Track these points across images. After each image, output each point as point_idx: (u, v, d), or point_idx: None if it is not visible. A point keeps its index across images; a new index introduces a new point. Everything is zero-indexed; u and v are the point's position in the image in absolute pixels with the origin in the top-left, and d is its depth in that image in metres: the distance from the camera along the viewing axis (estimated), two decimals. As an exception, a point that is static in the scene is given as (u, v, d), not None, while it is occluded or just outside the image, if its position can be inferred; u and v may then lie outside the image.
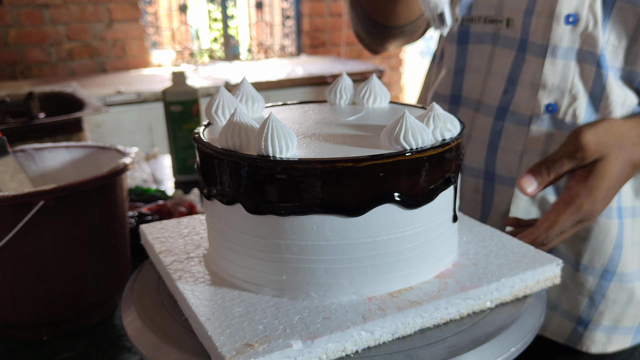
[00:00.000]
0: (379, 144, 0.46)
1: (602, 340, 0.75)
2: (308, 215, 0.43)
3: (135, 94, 2.18)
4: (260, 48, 3.20)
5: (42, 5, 2.51)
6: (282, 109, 0.62)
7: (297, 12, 3.22)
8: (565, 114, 0.68)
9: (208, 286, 0.48)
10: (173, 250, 0.55)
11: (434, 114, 0.47)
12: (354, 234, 0.44)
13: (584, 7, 0.64)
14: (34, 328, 0.68)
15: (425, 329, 0.45)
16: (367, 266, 0.45)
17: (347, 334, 0.41)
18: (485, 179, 0.76)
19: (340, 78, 0.62)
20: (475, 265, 0.51)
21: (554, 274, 0.51)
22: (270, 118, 0.43)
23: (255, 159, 0.43)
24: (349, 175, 0.42)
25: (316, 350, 0.40)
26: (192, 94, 1.19)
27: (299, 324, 0.42)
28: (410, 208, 0.45)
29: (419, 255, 0.47)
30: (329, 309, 0.44)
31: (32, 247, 0.63)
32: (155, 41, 2.90)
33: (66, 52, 2.60)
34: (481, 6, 0.73)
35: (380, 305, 0.44)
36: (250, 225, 0.46)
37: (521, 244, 0.54)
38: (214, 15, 3.06)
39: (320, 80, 2.56)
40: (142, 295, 0.52)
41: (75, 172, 0.80)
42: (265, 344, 0.39)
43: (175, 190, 1.13)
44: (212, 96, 0.54)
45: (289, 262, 0.45)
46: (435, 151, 0.45)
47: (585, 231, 0.71)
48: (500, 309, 0.48)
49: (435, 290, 0.47)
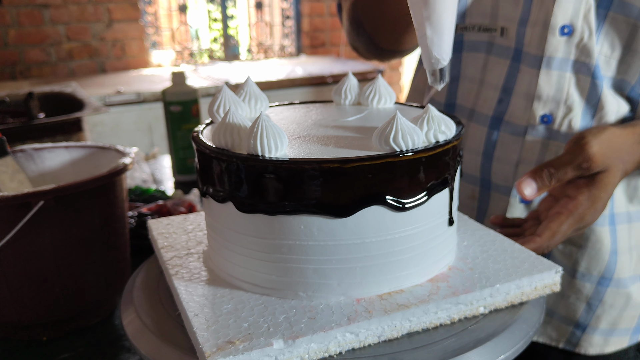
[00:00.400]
0: (372, 145, 0.46)
1: (600, 342, 0.75)
2: (296, 215, 0.43)
3: (135, 94, 2.18)
4: (260, 48, 3.20)
5: (41, 5, 2.51)
6: (286, 108, 0.62)
7: (296, 12, 3.22)
8: (561, 125, 0.68)
9: (202, 282, 0.49)
10: (175, 245, 0.56)
11: (429, 115, 0.47)
12: (342, 235, 0.44)
13: (578, 18, 0.64)
14: (34, 328, 0.68)
15: (413, 332, 0.44)
16: (356, 268, 0.45)
17: (330, 334, 0.41)
18: (481, 186, 0.76)
19: (346, 78, 0.62)
20: (472, 269, 0.50)
21: (553, 282, 0.50)
22: (260, 118, 0.43)
23: (245, 158, 0.43)
24: (336, 176, 0.42)
25: (297, 350, 0.40)
26: (191, 94, 1.19)
27: (283, 323, 0.42)
28: (400, 210, 0.44)
29: (411, 258, 0.46)
30: (316, 309, 0.44)
31: (32, 247, 0.63)
32: (155, 41, 2.90)
33: (66, 52, 2.60)
34: (475, 15, 0.73)
35: (367, 307, 0.44)
36: (241, 223, 0.46)
37: (522, 249, 0.53)
38: (213, 15, 3.06)
39: (320, 80, 2.56)
40: (142, 295, 0.52)
41: (75, 172, 0.80)
42: (247, 342, 0.40)
43: (175, 190, 1.13)
44: (215, 95, 0.54)
45: (278, 262, 0.46)
46: (427, 153, 0.44)
47: (581, 239, 0.71)
48: (494, 315, 0.47)
49: (426, 294, 0.46)
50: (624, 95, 0.66)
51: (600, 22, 0.64)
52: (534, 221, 0.62)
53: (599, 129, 0.59)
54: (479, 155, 0.75)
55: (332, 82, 2.55)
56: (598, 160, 0.57)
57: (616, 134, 0.59)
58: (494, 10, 0.71)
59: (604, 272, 0.72)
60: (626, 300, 0.73)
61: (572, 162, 0.57)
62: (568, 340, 0.76)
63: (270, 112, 0.60)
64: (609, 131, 0.59)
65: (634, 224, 0.72)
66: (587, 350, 0.75)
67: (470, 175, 0.77)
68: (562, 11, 0.64)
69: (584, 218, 0.58)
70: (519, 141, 0.71)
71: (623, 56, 0.65)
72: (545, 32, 0.66)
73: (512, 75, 0.71)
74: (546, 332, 0.77)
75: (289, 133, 0.51)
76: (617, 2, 0.63)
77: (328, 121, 0.55)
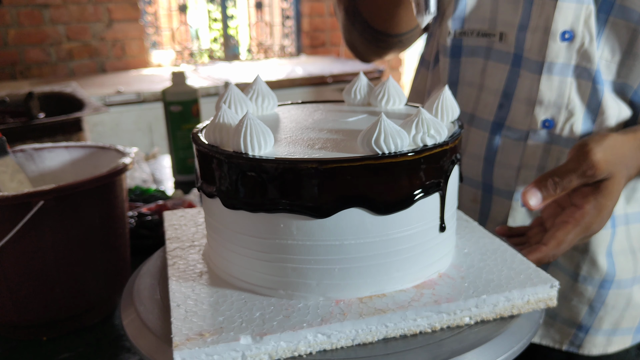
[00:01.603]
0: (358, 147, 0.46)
1: (603, 342, 0.75)
2: (276, 213, 0.44)
3: (135, 94, 2.18)
4: (260, 48, 3.20)
5: (41, 5, 2.50)
6: (294, 107, 0.63)
7: (296, 12, 3.22)
8: (563, 129, 0.68)
9: (194, 275, 0.50)
10: (181, 237, 0.58)
11: (419, 118, 0.45)
12: (320, 236, 0.44)
13: (579, 24, 0.64)
14: (33, 328, 0.68)
15: (390, 338, 0.44)
16: (335, 269, 0.45)
17: (300, 334, 0.41)
18: (483, 190, 0.76)
19: (357, 78, 0.62)
20: (462, 278, 0.48)
21: (548, 296, 0.48)
22: (246, 116, 0.44)
23: (229, 155, 0.44)
24: (313, 176, 0.42)
25: (266, 347, 0.41)
26: (191, 94, 1.19)
27: (257, 320, 0.42)
28: (381, 214, 0.43)
29: (393, 263, 0.46)
30: (293, 308, 0.44)
31: (32, 247, 0.63)
32: (155, 41, 2.90)
33: (66, 52, 2.60)
34: (474, 20, 0.73)
35: (344, 310, 0.44)
36: (227, 219, 0.47)
37: (523, 260, 0.51)
38: (213, 15, 3.06)
39: (320, 80, 2.56)
40: (142, 295, 0.52)
41: (75, 172, 0.80)
42: (216, 335, 0.40)
43: (175, 190, 1.13)
44: (222, 92, 0.55)
45: (260, 259, 0.46)
46: (411, 157, 0.43)
47: (583, 243, 0.71)
48: (479, 326, 0.45)
49: (407, 300, 0.45)
50: (626, 99, 0.66)
51: (601, 27, 0.64)
52: (539, 228, 0.62)
53: (601, 136, 0.58)
54: (480, 160, 0.75)
55: (332, 82, 2.55)
56: (602, 167, 0.56)
57: (619, 141, 0.59)
58: (493, 16, 0.71)
59: (605, 275, 0.72)
60: (627, 301, 0.73)
61: (577, 170, 0.56)
62: (571, 342, 0.76)
63: (278, 111, 0.61)
64: (611, 138, 0.58)
65: (631, 226, 0.72)
66: (590, 351, 0.75)
67: (472, 180, 0.77)
68: (563, 17, 0.64)
69: (591, 227, 0.57)
70: (520, 146, 0.71)
71: (624, 60, 0.65)
72: (546, 38, 0.66)
73: (513, 80, 0.71)
74: (549, 335, 0.77)
75: (284, 132, 0.51)
76: (618, 7, 0.63)
77: (328, 121, 0.55)
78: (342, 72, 2.61)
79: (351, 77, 2.48)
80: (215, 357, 0.40)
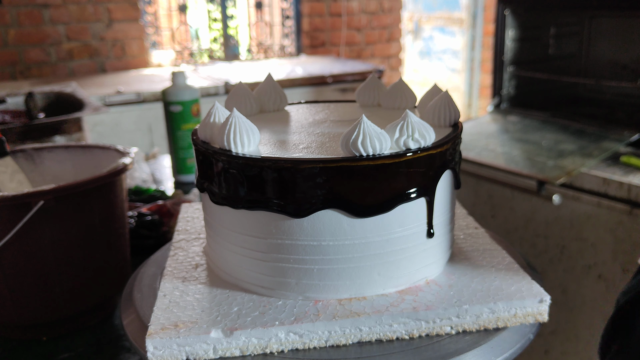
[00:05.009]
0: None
1: None
2: (255, 210, 0.44)
3: (135, 94, 2.18)
4: (259, 48, 3.20)
5: (41, 5, 2.50)
6: (300, 106, 0.64)
7: (296, 12, 3.22)
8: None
9: (190, 267, 0.51)
10: (190, 230, 0.59)
11: (406, 122, 0.44)
12: (298, 235, 0.44)
13: None
14: (33, 328, 0.68)
15: (365, 342, 0.43)
16: (313, 269, 0.45)
17: (271, 331, 0.41)
18: None
19: (368, 79, 0.63)
20: (450, 286, 0.47)
21: (538, 311, 0.46)
22: (232, 114, 0.44)
23: (215, 151, 0.45)
24: (290, 176, 0.42)
25: (237, 341, 0.41)
26: (191, 94, 1.19)
27: (233, 315, 0.43)
28: (358, 216, 0.43)
29: (374, 267, 0.45)
30: (271, 305, 0.44)
31: (32, 247, 0.63)
32: (154, 41, 2.90)
33: (66, 52, 2.60)
34: None
35: (319, 310, 0.43)
36: (215, 214, 0.48)
37: (519, 271, 0.49)
38: (213, 15, 3.06)
39: (320, 80, 2.55)
40: (142, 295, 0.52)
41: (75, 172, 0.80)
42: (189, 327, 0.41)
43: (175, 190, 1.13)
44: (230, 91, 0.57)
45: (244, 255, 0.47)
46: (390, 161, 0.42)
47: None
48: (460, 337, 0.44)
49: (386, 305, 0.44)
50: None
51: None
52: None
53: None
54: None
55: (332, 82, 2.55)
56: None
57: None
58: None
59: None
60: None
61: None
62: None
63: (288, 109, 0.63)
64: None
65: None
66: None
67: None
68: None
69: None
70: None
71: None
72: None
73: None
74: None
75: (281, 131, 0.52)
76: None
77: (328, 121, 0.55)
78: (342, 72, 2.61)
79: (351, 77, 2.48)
80: (187, 349, 0.40)
